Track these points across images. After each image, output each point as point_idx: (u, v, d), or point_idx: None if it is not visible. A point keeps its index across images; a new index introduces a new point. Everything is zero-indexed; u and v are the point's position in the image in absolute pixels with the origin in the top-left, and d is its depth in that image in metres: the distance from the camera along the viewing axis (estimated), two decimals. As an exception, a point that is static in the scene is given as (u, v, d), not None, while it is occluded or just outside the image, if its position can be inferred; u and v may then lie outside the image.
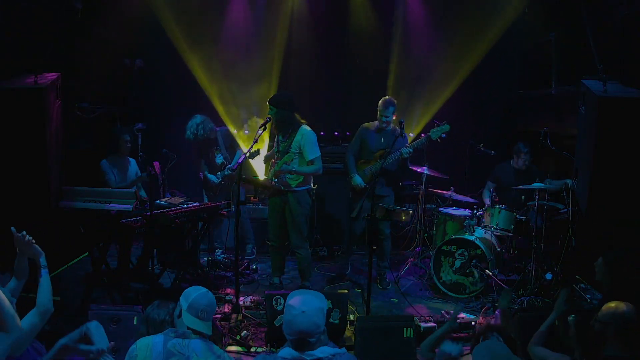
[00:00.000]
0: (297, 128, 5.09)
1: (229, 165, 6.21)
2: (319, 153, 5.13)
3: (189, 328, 2.78)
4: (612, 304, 2.93)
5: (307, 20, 7.35)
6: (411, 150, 5.41)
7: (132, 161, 5.85)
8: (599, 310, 2.98)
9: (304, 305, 2.49)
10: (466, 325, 4.54)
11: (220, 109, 7.09)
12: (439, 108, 7.03)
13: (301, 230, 5.21)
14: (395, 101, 5.56)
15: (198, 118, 5.97)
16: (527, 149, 5.97)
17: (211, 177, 6.26)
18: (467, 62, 7.02)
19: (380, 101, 5.56)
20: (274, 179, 5.17)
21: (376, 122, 5.62)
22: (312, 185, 5.27)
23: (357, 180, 5.56)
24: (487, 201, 6.01)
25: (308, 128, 5.12)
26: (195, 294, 2.86)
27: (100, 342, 2.67)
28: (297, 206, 5.13)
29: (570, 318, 3.26)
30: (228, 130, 6.47)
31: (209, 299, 2.88)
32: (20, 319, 2.69)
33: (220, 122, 6.81)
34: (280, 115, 4.99)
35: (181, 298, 2.88)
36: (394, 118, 5.58)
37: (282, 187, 5.14)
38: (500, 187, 6.12)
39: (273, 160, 5.31)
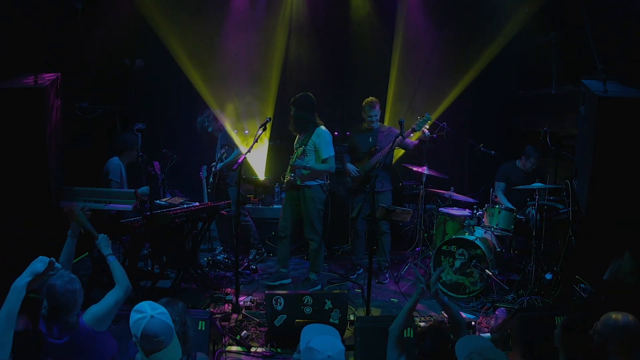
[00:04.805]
0: (313, 128, 5.36)
1: (217, 164, 6.25)
2: (333, 153, 5.41)
3: None
4: (611, 315, 2.81)
5: (306, 21, 7.36)
6: (402, 137, 5.41)
7: None
8: (583, 310, 2.91)
9: (329, 349, 2.47)
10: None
11: (219, 109, 7.09)
12: (440, 109, 7.04)
13: (314, 224, 5.42)
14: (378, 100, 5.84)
15: (211, 113, 6.38)
16: (537, 154, 5.94)
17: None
18: (469, 63, 7.03)
19: (364, 103, 5.81)
20: (291, 173, 5.42)
21: (364, 124, 5.89)
22: (325, 180, 5.51)
23: (350, 167, 5.87)
24: (503, 200, 5.95)
25: (324, 129, 5.41)
26: (144, 321, 2.39)
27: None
28: (310, 201, 5.38)
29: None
30: (226, 132, 6.49)
31: (162, 322, 2.41)
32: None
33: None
34: (297, 115, 5.34)
35: (131, 325, 2.44)
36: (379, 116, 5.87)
37: (298, 182, 5.37)
38: (507, 188, 6.10)
39: (291, 161, 5.53)
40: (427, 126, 5.66)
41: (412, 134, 5.65)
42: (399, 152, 6.63)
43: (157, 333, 2.37)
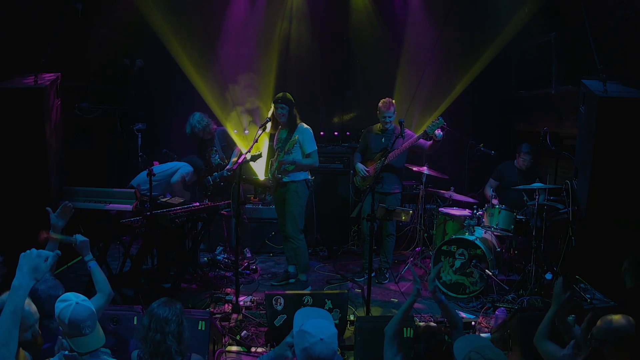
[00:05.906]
0: (296, 125, 5.43)
1: (228, 167, 6.22)
2: (316, 147, 5.46)
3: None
4: (607, 318, 2.73)
5: (307, 20, 7.36)
6: (402, 137, 5.43)
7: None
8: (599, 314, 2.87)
9: (321, 332, 2.49)
10: (466, 325, 4.54)
11: (219, 109, 7.10)
12: (440, 109, 7.04)
13: (296, 219, 5.40)
14: (394, 101, 5.71)
15: (197, 115, 6.13)
16: (527, 150, 5.98)
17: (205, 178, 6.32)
18: (469, 63, 7.02)
19: (380, 103, 5.72)
20: (276, 171, 5.42)
21: (378, 124, 5.82)
22: (310, 176, 5.51)
23: (359, 166, 5.82)
24: (492, 195, 5.97)
25: (306, 125, 5.47)
26: (70, 308, 2.57)
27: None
28: (294, 195, 5.39)
29: (570, 318, 3.21)
30: (225, 132, 6.44)
31: (87, 308, 2.61)
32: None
33: (218, 123, 6.82)
34: (292, 113, 5.38)
35: (57, 315, 2.60)
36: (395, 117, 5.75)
37: (283, 178, 5.39)
38: (502, 187, 6.13)
39: (272, 159, 5.54)
40: (440, 129, 5.55)
41: (425, 136, 5.57)
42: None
43: (84, 318, 2.57)
